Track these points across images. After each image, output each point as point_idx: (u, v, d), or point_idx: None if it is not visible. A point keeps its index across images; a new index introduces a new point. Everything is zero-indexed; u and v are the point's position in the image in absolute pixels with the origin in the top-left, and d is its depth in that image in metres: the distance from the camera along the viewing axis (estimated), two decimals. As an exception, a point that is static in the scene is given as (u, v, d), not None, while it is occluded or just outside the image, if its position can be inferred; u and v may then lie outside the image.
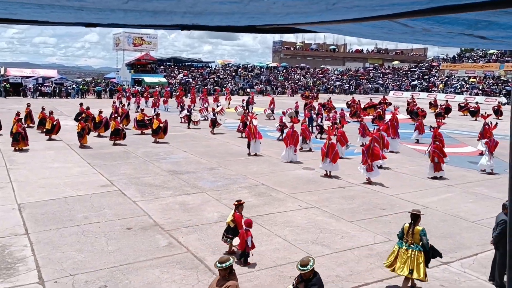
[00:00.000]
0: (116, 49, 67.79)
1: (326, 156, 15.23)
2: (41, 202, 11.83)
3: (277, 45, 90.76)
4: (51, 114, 22.26)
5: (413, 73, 72.58)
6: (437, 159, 15.46)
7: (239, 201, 8.94)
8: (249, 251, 8.40)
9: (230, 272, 5.61)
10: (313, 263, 5.79)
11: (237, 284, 5.55)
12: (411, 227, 7.40)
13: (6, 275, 7.72)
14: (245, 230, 8.31)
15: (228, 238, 8.75)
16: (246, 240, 8.26)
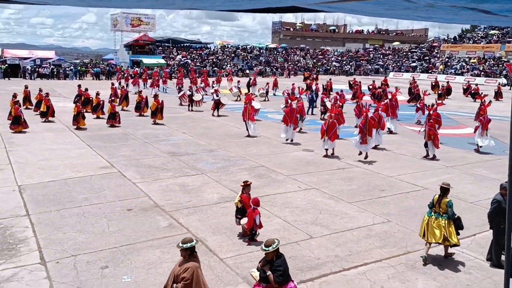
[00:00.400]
0: (114, 30, 67.16)
1: (325, 134, 15.38)
2: (41, 183, 11.86)
3: (276, 26, 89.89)
4: (46, 96, 22.17)
5: (414, 54, 72.12)
6: (433, 137, 15.51)
7: (245, 182, 9.01)
8: (256, 229, 8.52)
9: (191, 254, 5.51)
10: (277, 244, 5.76)
11: (197, 266, 5.44)
12: (440, 199, 7.92)
13: (8, 256, 7.79)
14: (253, 208, 8.41)
15: (237, 218, 8.86)
16: (254, 219, 8.37)
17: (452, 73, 58.38)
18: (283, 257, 5.87)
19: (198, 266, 5.47)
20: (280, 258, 5.83)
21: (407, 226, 9.50)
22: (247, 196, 8.79)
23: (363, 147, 15.09)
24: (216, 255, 8.00)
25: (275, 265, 5.74)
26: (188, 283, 5.30)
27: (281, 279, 5.71)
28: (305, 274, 7.39)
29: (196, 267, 5.42)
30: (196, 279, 5.33)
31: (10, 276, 7.09)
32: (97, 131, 19.45)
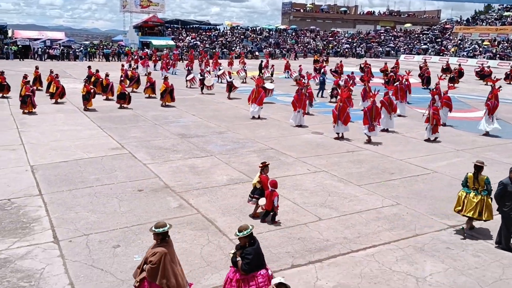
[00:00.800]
0: (123, 11, 66.84)
1: (338, 119, 15.37)
2: (53, 164, 12.00)
3: (286, 7, 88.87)
4: (56, 77, 22.26)
5: (425, 36, 71.07)
6: (436, 121, 15.44)
7: (264, 163, 9.09)
8: (276, 210, 8.63)
9: (163, 239, 5.49)
10: (248, 230, 5.59)
11: (166, 252, 5.40)
12: (476, 176, 8.29)
13: (22, 234, 7.95)
14: (271, 190, 8.51)
15: (253, 198, 8.93)
16: (273, 200, 8.47)
17: (464, 56, 57.57)
18: (256, 245, 5.67)
19: (167, 252, 5.41)
20: (252, 245, 5.64)
21: (416, 209, 9.52)
22: (266, 176, 8.88)
23: (372, 133, 15.14)
24: (226, 235, 8.09)
25: (245, 252, 5.59)
26: (154, 267, 5.33)
27: (247, 267, 5.53)
28: (313, 255, 7.47)
29: (164, 252, 5.39)
30: (163, 264, 5.34)
31: (24, 254, 7.25)
32: (108, 112, 19.56)
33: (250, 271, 5.55)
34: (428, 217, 9.14)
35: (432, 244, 7.98)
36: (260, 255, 5.71)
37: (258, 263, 5.62)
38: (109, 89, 22.79)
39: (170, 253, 5.48)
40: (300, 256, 7.42)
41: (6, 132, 15.40)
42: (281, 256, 7.40)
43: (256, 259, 5.59)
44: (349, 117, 15.74)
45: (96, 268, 6.88)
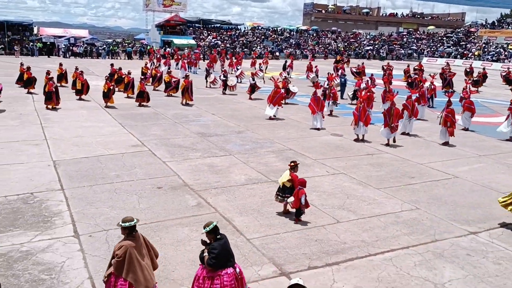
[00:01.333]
0: (146, 9, 67.52)
1: (359, 120, 15.38)
2: (75, 159, 12.21)
3: (308, 8, 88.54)
4: (81, 74, 22.61)
5: (449, 39, 69.99)
6: (449, 123, 15.26)
7: (294, 162, 9.11)
8: (303, 208, 8.67)
9: (130, 233, 5.49)
10: (211, 226, 5.53)
11: (132, 245, 5.40)
12: None
13: (44, 228, 8.10)
14: (299, 189, 8.55)
15: (284, 197, 8.97)
16: (300, 198, 8.51)
17: (489, 60, 56.50)
18: (223, 241, 5.61)
19: (133, 246, 5.42)
20: (219, 241, 5.58)
21: (436, 214, 9.39)
22: (296, 175, 8.92)
23: (391, 134, 15.08)
24: (243, 235, 8.12)
25: (211, 247, 5.56)
26: (120, 260, 5.36)
27: (212, 262, 5.48)
28: (330, 257, 7.43)
29: (130, 246, 5.39)
30: (128, 258, 5.35)
31: (45, 247, 7.39)
32: (129, 109, 19.79)
33: (215, 266, 5.50)
34: (448, 223, 9.01)
35: (452, 250, 7.87)
36: (228, 251, 5.64)
37: (225, 260, 5.56)
38: (130, 86, 23.07)
39: (137, 247, 5.49)
40: (317, 258, 7.39)
41: (29, 127, 15.72)
42: (298, 258, 7.39)
43: (223, 255, 5.52)
44: (369, 118, 15.71)
45: (115, 263, 6.97)
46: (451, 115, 15.29)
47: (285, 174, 9.07)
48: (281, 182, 9.05)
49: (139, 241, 5.59)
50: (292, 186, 8.87)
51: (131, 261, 5.36)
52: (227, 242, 5.68)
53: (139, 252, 5.51)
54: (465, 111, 18.01)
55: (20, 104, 20.17)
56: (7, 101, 19.99)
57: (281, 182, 9.05)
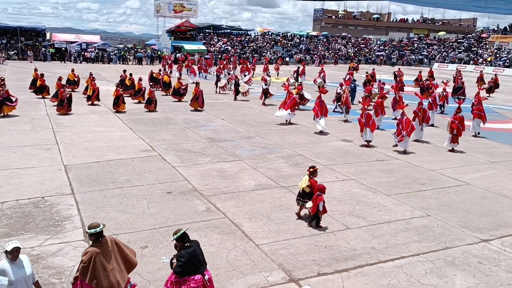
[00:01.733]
0: (157, 15, 68.06)
1: (365, 126, 15.43)
2: (86, 164, 12.29)
3: (318, 13, 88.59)
4: (93, 80, 22.80)
5: (460, 44, 69.54)
6: (455, 130, 15.15)
7: (313, 168, 9.18)
8: (320, 215, 8.70)
9: (97, 239, 5.54)
10: (178, 234, 5.61)
11: (97, 251, 5.44)
12: None
13: (54, 232, 8.16)
14: (318, 195, 8.59)
15: (304, 202, 9.03)
16: (318, 205, 8.55)
17: (501, 65, 56.02)
18: (192, 249, 5.65)
19: (98, 252, 5.46)
20: (187, 249, 5.63)
21: (447, 221, 9.29)
22: (315, 181, 8.99)
23: (402, 143, 14.89)
24: (252, 241, 8.10)
25: (178, 255, 5.62)
26: (85, 266, 5.42)
27: (178, 270, 5.55)
28: (340, 264, 7.39)
29: (95, 252, 5.44)
30: (93, 264, 5.40)
31: (56, 251, 7.44)
32: (139, 114, 19.91)
33: (182, 274, 5.56)
34: (460, 230, 8.92)
35: (463, 257, 7.78)
36: (196, 259, 5.66)
37: (192, 267, 5.60)
38: (141, 93, 23.03)
39: (103, 253, 5.54)
40: (326, 265, 7.35)
41: (41, 132, 15.88)
42: (307, 264, 7.35)
43: (190, 263, 5.56)
44: (374, 124, 15.76)
45: (124, 268, 6.98)
46: (457, 122, 15.17)
47: (304, 179, 9.16)
48: (301, 187, 9.15)
49: (106, 247, 5.64)
50: (311, 192, 8.95)
51: (95, 267, 5.43)
52: (196, 249, 5.73)
53: (106, 257, 5.57)
54: (475, 118, 17.90)
55: (32, 108, 20.41)
56: (19, 106, 20.20)
57: (301, 187, 9.15)
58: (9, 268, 5.10)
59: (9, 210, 9.00)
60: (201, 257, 5.77)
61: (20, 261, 5.24)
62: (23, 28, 53.51)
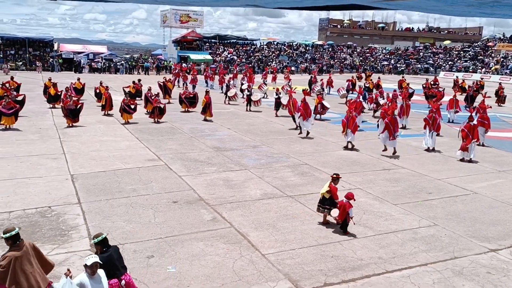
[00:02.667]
0: (163, 26, 68.59)
1: (347, 128, 16.10)
2: (92, 173, 12.34)
3: (323, 23, 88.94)
4: (106, 89, 22.78)
5: (466, 53, 69.44)
6: (465, 139, 15.15)
7: (337, 175, 9.31)
8: (349, 221, 8.79)
9: (14, 243, 5.60)
10: (99, 238, 5.79)
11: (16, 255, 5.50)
12: None
13: (61, 241, 8.17)
14: (346, 201, 8.73)
15: (325, 208, 9.15)
16: (348, 212, 8.67)
17: (507, 74, 55.84)
18: (108, 254, 5.81)
19: (17, 256, 5.50)
20: (105, 253, 5.78)
21: (455, 231, 9.22)
22: (335, 187, 9.12)
23: (391, 142, 15.42)
24: (258, 250, 8.07)
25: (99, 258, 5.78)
26: (4, 271, 5.44)
27: None
28: (347, 274, 7.33)
29: (14, 256, 5.47)
30: (12, 268, 5.44)
31: (62, 261, 7.44)
32: (146, 124, 19.98)
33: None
34: (468, 240, 8.84)
35: (472, 267, 7.69)
36: (112, 263, 5.78)
37: (108, 272, 5.68)
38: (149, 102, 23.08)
39: (22, 256, 5.58)
40: (333, 275, 7.30)
41: (48, 141, 15.97)
42: (313, 274, 7.30)
43: (106, 267, 5.63)
44: (357, 126, 16.39)
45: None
46: (467, 130, 15.10)
47: (326, 185, 9.30)
48: (321, 193, 9.27)
49: (24, 250, 5.68)
50: (331, 198, 9.07)
51: (15, 271, 5.46)
52: (113, 254, 5.87)
53: (25, 260, 5.61)
54: (478, 126, 17.80)
55: (39, 118, 20.55)
56: (27, 116, 20.37)
57: (321, 193, 9.27)
58: (88, 282, 5.16)
59: (16, 220, 9.03)
60: (118, 262, 5.93)
61: (98, 276, 5.28)
62: (31, 39, 54.10)
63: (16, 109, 18.27)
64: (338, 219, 8.86)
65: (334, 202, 9.03)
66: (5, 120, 17.79)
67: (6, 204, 9.82)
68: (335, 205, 8.99)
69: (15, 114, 18.16)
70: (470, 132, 15.13)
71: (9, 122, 17.95)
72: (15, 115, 18.23)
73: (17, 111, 18.38)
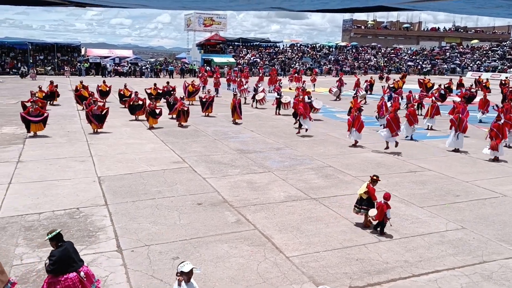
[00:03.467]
0: (187, 29, 69.24)
1: (352, 126, 16.64)
2: (119, 175, 12.55)
3: (347, 24, 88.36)
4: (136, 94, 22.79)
5: (495, 53, 67.85)
6: (494, 137, 15.00)
7: (377, 176, 9.31)
8: (386, 221, 8.81)
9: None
10: (53, 234, 5.85)
11: None
12: None
13: (89, 242, 8.34)
14: (384, 202, 8.75)
15: (362, 209, 9.20)
16: (385, 212, 8.70)
17: (538, 73, 54.31)
18: (63, 248, 5.89)
19: None
20: (59, 248, 5.85)
21: (483, 234, 9.01)
22: (373, 188, 9.14)
23: (392, 138, 15.92)
24: (282, 253, 8.06)
25: (50, 254, 5.85)
26: None
27: (50, 268, 5.78)
28: (372, 277, 7.26)
29: None
30: None
31: (90, 261, 7.59)
32: (171, 127, 20.21)
33: (54, 272, 5.78)
34: (497, 243, 8.63)
35: (501, 272, 7.51)
36: (67, 257, 5.87)
37: (64, 266, 5.79)
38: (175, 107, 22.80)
39: None
40: (358, 278, 7.23)
41: (76, 144, 16.32)
42: (338, 277, 7.25)
43: (61, 261, 5.74)
44: (363, 125, 16.72)
45: (156, 278, 7.07)
46: (495, 129, 14.85)
47: (363, 185, 9.31)
48: (359, 193, 9.28)
49: None
50: (368, 198, 9.10)
51: None
52: (69, 248, 5.97)
53: None
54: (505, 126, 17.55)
55: (67, 122, 21.03)
56: (56, 119, 20.87)
57: (359, 193, 9.28)
58: None
59: (45, 221, 9.26)
60: (74, 255, 6.04)
61: (191, 284, 5.33)
62: (59, 44, 55.44)
63: (44, 116, 17.92)
64: (375, 219, 8.89)
65: (372, 202, 9.06)
66: (34, 127, 17.55)
67: (36, 206, 10.08)
68: (372, 206, 9.02)
69: (43, 121, 17.83)
70: (499, 131, 14.91)
71: (37, 129, 17.65)
72: (43, 122, 17.90)
73: (45, 118, 17.98)
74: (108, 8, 3.04)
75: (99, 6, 1.94)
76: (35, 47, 54.01)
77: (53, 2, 2.03)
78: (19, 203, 10.23)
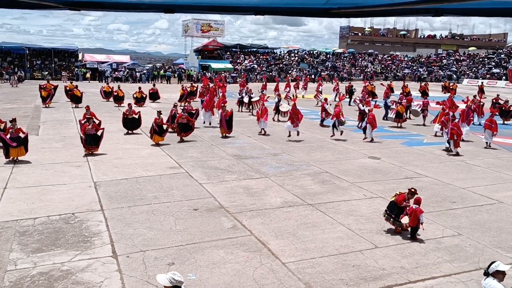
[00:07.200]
0: (185, 35, 69.45)
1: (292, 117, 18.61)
2: (115, 181, 12.51)
3: (344, 31, 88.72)
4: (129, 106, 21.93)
5: (491, 60, 68.21)
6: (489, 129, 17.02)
7: (415, 190, 9.29)
8: (419, 226, 8.89)
9: None
10: None
11: None
12: None
13: (84, 248, 8.29)
14: (415, 207, 8.83)
15: (391, 217, 9.28)
16: (418, 217, 8.77)
17: (534, 81, 54.59)
18: None
19: None
20: None
21: (480, 241, 9.01)
22: (404, 196, 9.21)
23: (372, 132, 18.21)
24: (278, 259, 8.03)
25: None
26: None
27: None
28: (368, 284, 7.23)
29: None
30: None
31: (85, 267, 7.55)
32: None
33: None
34: (493, 250, 8.63)
35: (498, 279, 7.49)
36: None
37: None
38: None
39: None
40: (354, 284, 7.21)
41: (72, 149, 16.27)
42: (334, 283, 7.23)
43: None
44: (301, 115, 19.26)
45: (151, 284, 7.03)
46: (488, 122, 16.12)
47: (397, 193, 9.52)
48: (391, 200, 9.52)
49: None
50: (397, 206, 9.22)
51: None
52: None
53: None
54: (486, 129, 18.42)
55: (64, 127, 20.99)
56: (51, 124, 20.82)
57: (391, 200, 9.52)
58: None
59: (40, 226, 9.21)
60: None
61: None
62: (56, 49, 55.50)
63: (23, 138, 14.22)
64: (410, 225, 8.94)
65: (402, 210, 9.10)
66: (13, 152, 14.06)
67: (31, 211, 10.03)
68: (402, 213, 9.07)
69: (23, 143, 14.17)
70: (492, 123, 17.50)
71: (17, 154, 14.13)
72: (24, 145, 14.23)
73: (25, 140, 14.23)
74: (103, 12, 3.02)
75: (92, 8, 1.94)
76: (32, 52, 54.02)
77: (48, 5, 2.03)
78: (14, 208, 10.17)
